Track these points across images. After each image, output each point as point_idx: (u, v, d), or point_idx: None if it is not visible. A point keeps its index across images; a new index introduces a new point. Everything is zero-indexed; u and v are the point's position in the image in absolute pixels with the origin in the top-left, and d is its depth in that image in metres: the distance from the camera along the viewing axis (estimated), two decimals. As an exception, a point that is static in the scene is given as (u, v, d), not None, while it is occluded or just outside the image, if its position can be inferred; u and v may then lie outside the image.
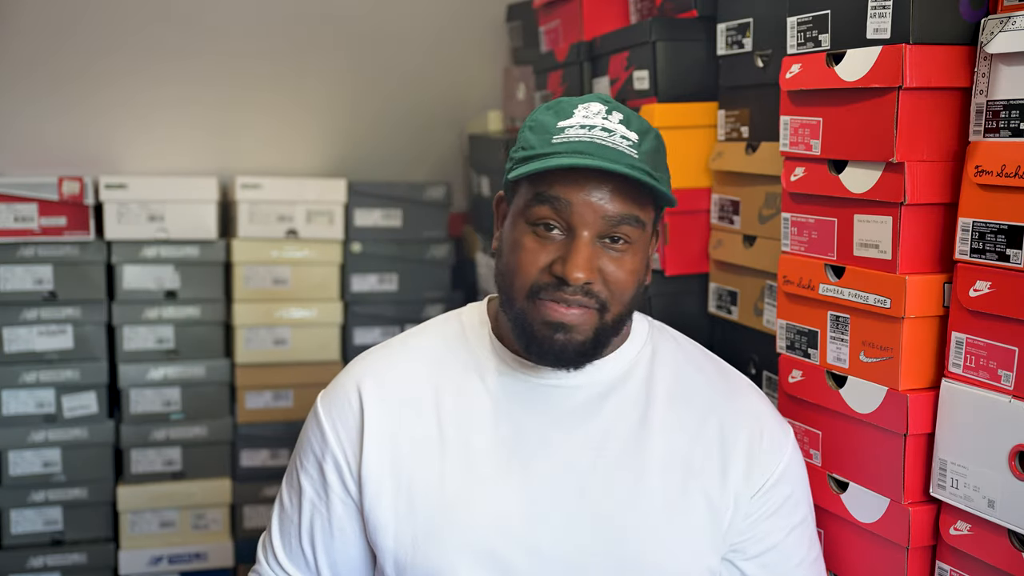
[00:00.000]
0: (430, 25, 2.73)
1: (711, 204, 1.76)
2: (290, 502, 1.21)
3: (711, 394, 1.21)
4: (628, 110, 1.14)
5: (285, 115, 2.66)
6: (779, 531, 1.19)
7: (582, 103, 1.12)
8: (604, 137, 1.08)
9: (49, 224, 2.25)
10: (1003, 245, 1.11)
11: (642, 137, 1.11)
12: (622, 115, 1.12)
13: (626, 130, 1.10)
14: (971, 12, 1.17)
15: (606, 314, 1.11)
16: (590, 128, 1.09)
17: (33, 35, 2.48)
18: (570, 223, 1.08)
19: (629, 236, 1.09)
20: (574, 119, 1.10)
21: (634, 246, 1.11)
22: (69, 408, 2.30)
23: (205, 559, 2.38)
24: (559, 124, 1.10)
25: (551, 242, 1.09)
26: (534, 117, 1.14)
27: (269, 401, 2.39)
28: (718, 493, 1.16)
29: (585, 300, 1.09)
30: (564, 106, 1.13)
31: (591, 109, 1.11)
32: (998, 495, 1.12)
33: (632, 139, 1.10)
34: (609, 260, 1.09)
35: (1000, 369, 1.12)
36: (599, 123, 1.09)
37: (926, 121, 1.20)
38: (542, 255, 1.09)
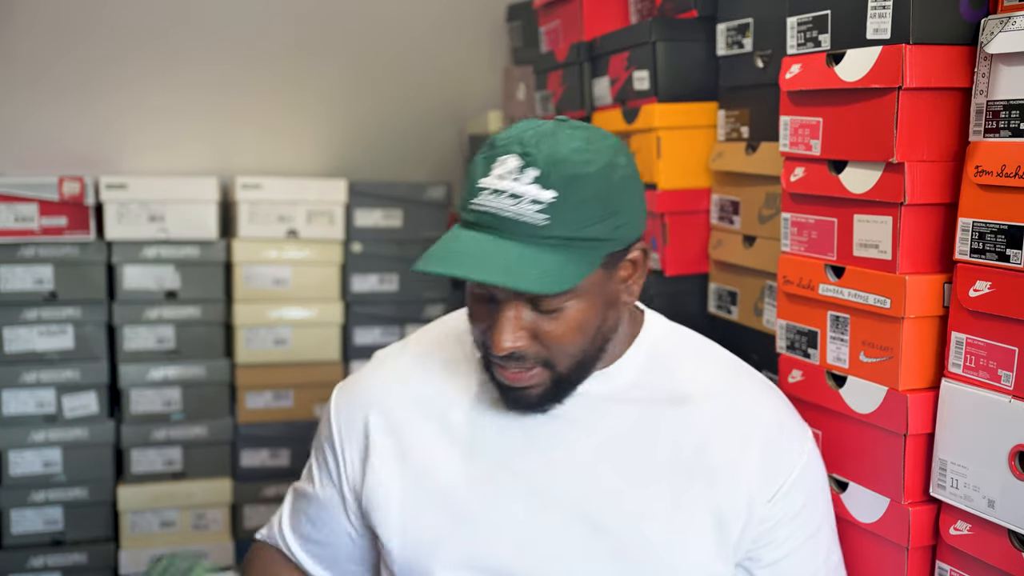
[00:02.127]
0: (430, 25, 2.73)
1: (711, 204, 1.76)
2: (304, 480, 1.28)
3: (723, 399, 1.16)
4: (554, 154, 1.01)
5: (285, 115, 2.66)
6: (796, 538, 1.15)
7: (501, 155, 1.02)
8: (509, 205, 0.99)
9: (49, 224, 2.25)
10: (1003, 245, 1.11)
11: (566, 191, 0.99)
12: (538, 171, 0.99)
13: (539, 191, 0.99)
14: (971, 12, 1.17)
15: (556, 367, 1.07)
16: (499, 193, 1.00)
17: (34, 36, 2.48)
18: (492, 295, 1.04)
19: (557, 301, 1.03)
20: (490, 178, 1.01)
21: (572, 302, 1.04)
22: (69, 408, 2.30)
23: (205, 559, 2.38)
24: (479, 183, 1.02)
25: (486, 308, 1.06)
26: (472, 159, 1.07)
27: (269, 401, 2.40)
28: (727, 500, 1.11)
29: (521, 365, 1.06)
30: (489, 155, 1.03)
31: (506, 166, 1.01)
32: (998, 495, 1.12)
33: (545, 201, 0.99)
34: (543, 320, 1.04)
35: (1000, 369, 1.12)
36: (508, 187, 1.00)
37: (926, 121, 1.20)
38: (481, 322, 1.07)
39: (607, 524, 1.11)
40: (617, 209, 1.03)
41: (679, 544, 1.11)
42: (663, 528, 1.11)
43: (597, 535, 1.11)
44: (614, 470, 1.12)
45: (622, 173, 1.04)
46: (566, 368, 1.08)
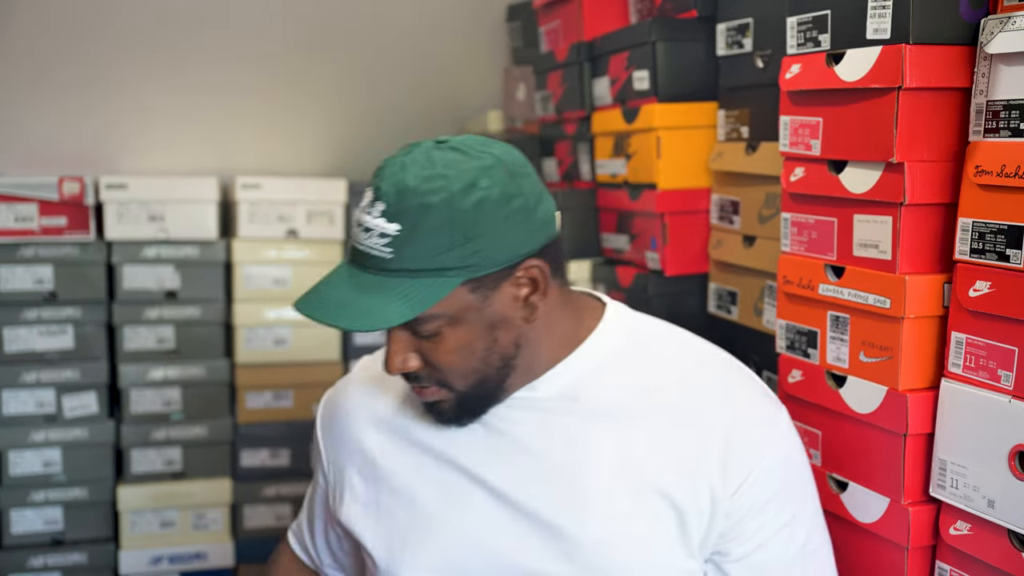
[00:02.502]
0: (430, 25, 2.73)
1: (711, 204, 1.76)
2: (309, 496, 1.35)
3: (681, 393, 1.12)
4: (403, 184, 1.01)
5: (285, 115, 2.66)
6: (767, 529, 1.10)
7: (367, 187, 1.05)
8: (364, 239, 1.02)
9: (49, 224, 2.25)
10: (1003, 245, 1.11)
11: (411, 222, 1.00)
12: (384, 204, 1.01)
13: (385, 224, 1.01)
14: (971, 12, 1.17)
15: (453, 388, 1.08)
16: (359, 227, 1.03)
17: (34, 35, 2.48)
18: None
19: (431, 327, 1.04)
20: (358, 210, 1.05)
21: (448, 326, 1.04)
22: (69, 408, 2.30)
23: (205, 559, 2.38)
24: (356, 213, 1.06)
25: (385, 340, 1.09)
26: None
27: (269, 401, 2.39)
28: (688, 496, 1.08)
29: (418, 383, 1.09)
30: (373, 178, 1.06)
31: (366, 199, 1.03)
32: (998, 495, 1.12)
33: (391, 233, 1.00)
34: (426, 344, 1.06)
35: (1000, 369, 1.12)
36: (364, 221, 1.02)
37: (926, 121, 1.20)
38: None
39: (565, 528, 1.09)
40: (473, 235, 1.01)
41: (640, 545, 1.09)
42: (622, 530, 1.09)
43: (556, 539, 1.09)
44: (569, 474, 1.10)
45: (480, 197, 1.02)
46: (465, 387, 1.08)
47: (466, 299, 1.04)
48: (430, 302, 1.01)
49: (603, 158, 1.97)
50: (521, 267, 1.06)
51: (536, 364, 1.11)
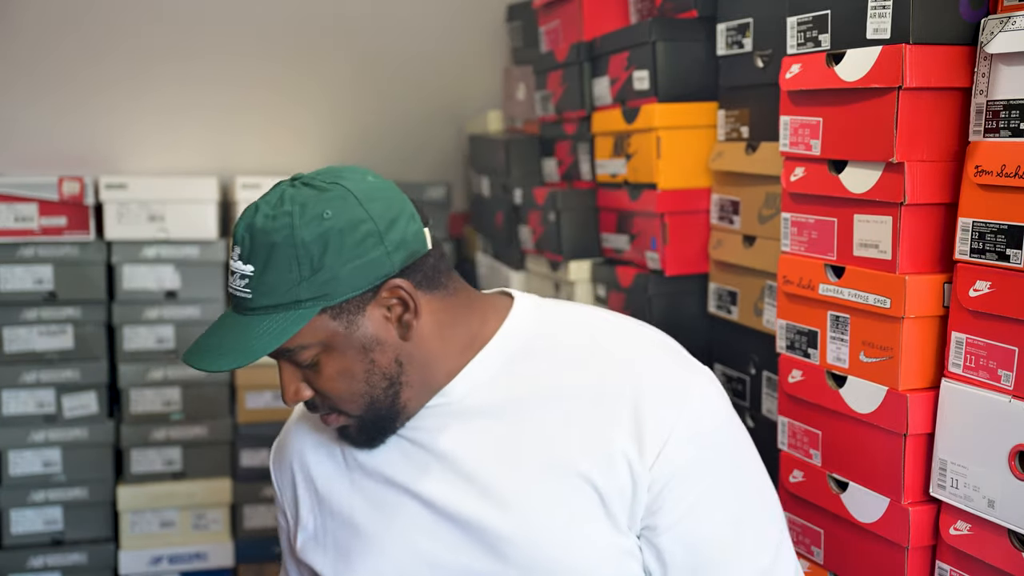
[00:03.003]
0: (430, 25, 2.73)
1: (711, 204, 1.76)
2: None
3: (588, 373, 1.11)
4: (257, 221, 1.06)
5: (285, 115, 2.66)
6: (691, 497, 1.06)
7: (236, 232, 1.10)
8: (232, 283, 1.09)
9: (49, 224, 2.25)
10: (1003, 245, 1.11)
11: (260, 261, 1.05)
12: (239, 248, 1.07)
13: (243, 266, 1.06)
14: (971, 12, 1.17)
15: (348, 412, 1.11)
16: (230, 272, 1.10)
17: (34, 35, 2.49)
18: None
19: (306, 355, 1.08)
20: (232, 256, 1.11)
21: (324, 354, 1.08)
22: (69, 408, 2.30)
23: (205, 559, 2.38)
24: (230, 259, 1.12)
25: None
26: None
27: (269, 401, 2.39)
28: (606, 474, 1.06)
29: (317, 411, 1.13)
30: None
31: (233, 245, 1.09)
32: (998, 495, 1.12)
33: (248, 274, 1.06)
34: (310, 374, 1.10)
35: (1000, 369, 1.12)
36: (232, 266, 1.09)
37: (926, 121, 1.20)
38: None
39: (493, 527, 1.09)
40: (319, 266, 1.04)
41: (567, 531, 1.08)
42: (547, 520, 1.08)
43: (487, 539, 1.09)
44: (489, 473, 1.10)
45: (323, 228, 1.05)
46: (359, 411, 1.10)
47: (330, 326, 1.07)
48: (287, 334, 1.05)
49: (603, 158, 1.97)
50: (384, 288, 1.08)
51: (435, 375, 1.13)
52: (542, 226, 2.13)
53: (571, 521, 1.07)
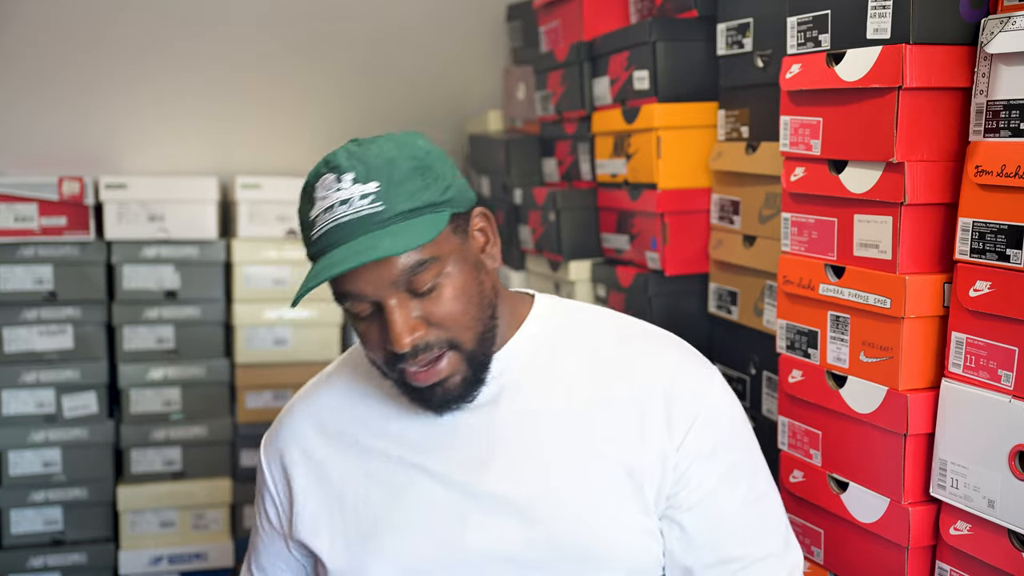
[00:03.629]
0: (430, 25, 2.73)
1: (711, 204, 1.76)
2: (253, 529, 1.31)
3: (619, 359, 1.16)
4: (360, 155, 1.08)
5: (285, 115, 2.66)
6: (712, 477, 1.12)
7: (315, 179, 1.09)
8: (345, 212, 1.06)
9: (49, 224, 2.25)
10: (1003, 245, 1.11)
11: (384, 176, 1.06)
12: (352, 172, 1.06)
13: (362, 187, 1.06)
14: (971, 12, 1.17)
15: (463, 345, 1.10)
16: (331, 209, 1.06)
17: (34, 35, 2.48)
18: (373, 302, 1.08)
19: (428, 276, 1.07)
20: (317, 205, 1.08)
21: (443, 274, 1.08)
22: (69, 408, 2.29)
23: (205, 559, 2.38)
24: (310, 216, 1.09)
25: (375, 319, 1.09)
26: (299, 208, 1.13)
27: (269, 401, 2.39)
28: (636, 457, 1.11)
29: (430, 354, 1.09)
30: (308, 191, 1.10)
31: (324, 184, 1.08)
32: (998, 495, 1.12)
33: (371, 191, 1.06)
34: (428, 304, 1.08)
35: (1000, 369, 1.12)
36: (335, 198, 1.06)
37: (926, 121, 1.20)
38: (374, 334, 1.10)
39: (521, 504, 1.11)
40: (437, 175, 1.09)
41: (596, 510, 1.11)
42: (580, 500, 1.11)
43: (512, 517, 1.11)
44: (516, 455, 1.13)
45: (424, 146, 1.11)
46: (471, 343, 1.10)
47: (452, 241, 1.09)
48: (434, 232, 1.06)
49: (603, 158, 1.97)
50: (475, 212, 1.14)
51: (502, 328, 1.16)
52: (542, 226, 2.13)
53: (602, 502, 1.11)
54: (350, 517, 1.17)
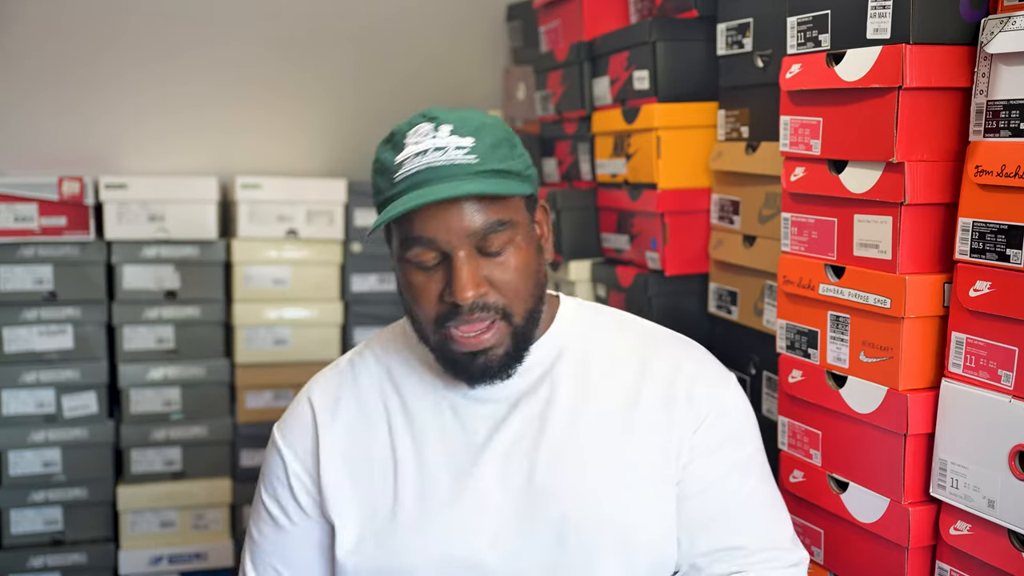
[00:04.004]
0: (430, 25, 2.73)
1: (711, 204, 1.76)
2: (259, 532, 1.25)
3: (647, 354, 1.22)
4: (456, 114, 1.14)
5: (285, 115, 2.66)
6: (719, 468, 1.17)
7: (410, 128, 1.14)
8: (438, 157, 1.10)
9: (49, 224, 2.25)
10: (1003, 245, 1.11)
11: (479, 136, 1.12)
12: (451, 125, 1.12)
13: (459, 139, 1.11)
14: (971, 12, 1.17)
15: (513, 318, 1.13)
16: (423, 154, 1.11)
17: (34, 35, 2.48)
18: (442, 252, 1.11)
19: (501, 240, 1.11)
20: (407, 150, 1.12)
21: (513, 243, 1.13)
22: (69, 408, 2.29)
23: (205, 559, 2.38)
24: (396, 160, 1.12)
25: (435, 272, 1.12)
26: (376, 157, 1.17)
27: (269, 401, 2.39)
28: (666, 441, 1.17)
29: (485, 315, 1.11)
30: (396, 138, 1.15)
31: (419, 132, 1.13)
32: (998, 495, 1.12)
33: (467, 145, 1.11)
34: (493, 267, 1.12)
35: (1000, 369, 1.12)
36: (430, 145, 1.11)
37: (926, 121, 1.20)
38: (432, 287, 1.12)
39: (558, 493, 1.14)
40: (521, 152, 1.16)
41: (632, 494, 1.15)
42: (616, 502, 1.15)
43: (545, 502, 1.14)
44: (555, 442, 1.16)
45: (507, 126, 1.18)
46: (522, 317, 1.14)
47: (524, 215, 1.15)
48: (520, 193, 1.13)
49: (603, 158, 1.97)
50: (539, 204, 1.20)
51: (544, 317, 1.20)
52: (542, 226, 2.12)
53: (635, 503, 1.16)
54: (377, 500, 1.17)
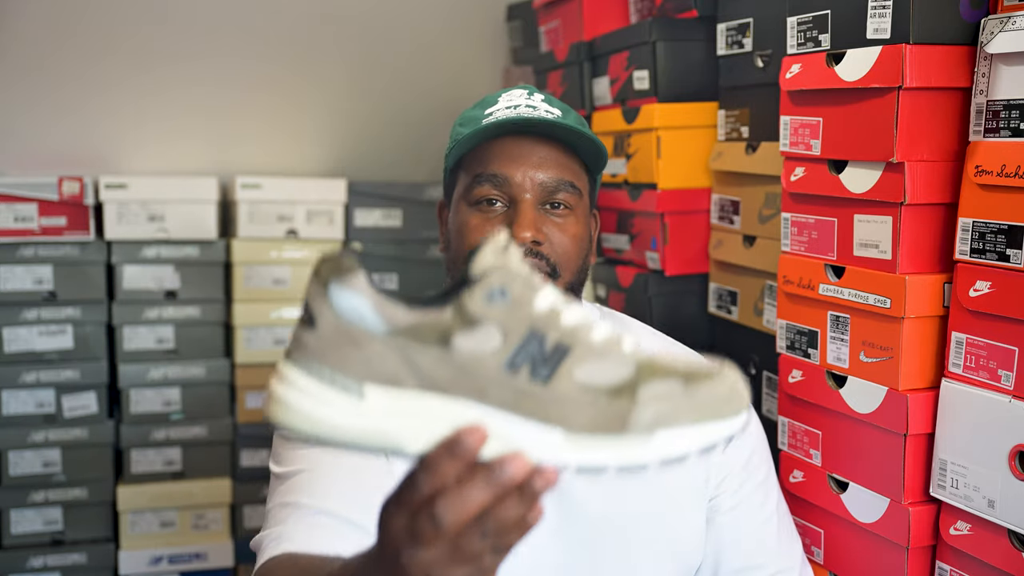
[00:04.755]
0: (430, 25, 2.73)
1: (711, 204, 1.76)
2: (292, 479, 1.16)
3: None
4: (549, 94, 1.23)
5: (285, 115, 2.66)
6: (747, 485, 1.21)
7: (505, 92, 1.21)
8: (530, 112, 1.17)
9: (49, 224, 2.25)
10: (1003, 245, 1.11)
11: (565, 112, 1.20)
12: (543, 95, 1.21)
13: (549, 106, 1.18)
14: (971, 12, 1.17)
15: (556, 280, 1.16)
16: (515, 107, 1.18)
17: (33, 35, 2.48)
18: (511, 195, 1.15)
19: (568, 202, 1.17)
20: (499, 105, 1.19)
21: (575, 212, 1.18)
22: (69, 408, 2.29)
23: (205, 559, 2.38)
24: (486, 111, 1.18)
25: (495, 215, 1.16)
26: (462, 115, 1.23)
27: (269, 401, 2.39)
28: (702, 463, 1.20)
29: (535, 261, 1.14)
30: (488, 99, 1.22)
31: (514, 95, 1.20)
32: (998, 495, 1.12)
33: (556, 113, 1.18)
34: (553, 225, 1.16)
35: (1000, 369, 1.12)
36: (523, 102, 1.19)
37: (926, 121, 1.20)
38: (487, 227, 1.15)
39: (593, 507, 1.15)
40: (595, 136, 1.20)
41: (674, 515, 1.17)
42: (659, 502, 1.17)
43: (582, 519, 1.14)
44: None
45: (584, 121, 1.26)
46: (564, 284, 1.17)
47: (587, 196, 1.20)
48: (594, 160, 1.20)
49: (603, 158, 1.97)
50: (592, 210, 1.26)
51: None
52: (542, 226, 2.12)
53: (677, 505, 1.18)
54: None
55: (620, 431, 0.68)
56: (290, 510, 1.11)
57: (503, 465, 0.66)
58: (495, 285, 0.68)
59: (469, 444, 0.66)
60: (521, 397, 0.67)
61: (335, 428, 0.68)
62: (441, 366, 0.68)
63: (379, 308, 0.69)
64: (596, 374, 0.68)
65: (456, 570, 0.69)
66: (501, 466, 0.66)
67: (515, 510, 0.67)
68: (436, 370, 0.68)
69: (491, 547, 0.69)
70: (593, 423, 0.67)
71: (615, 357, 0.69)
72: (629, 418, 0.68)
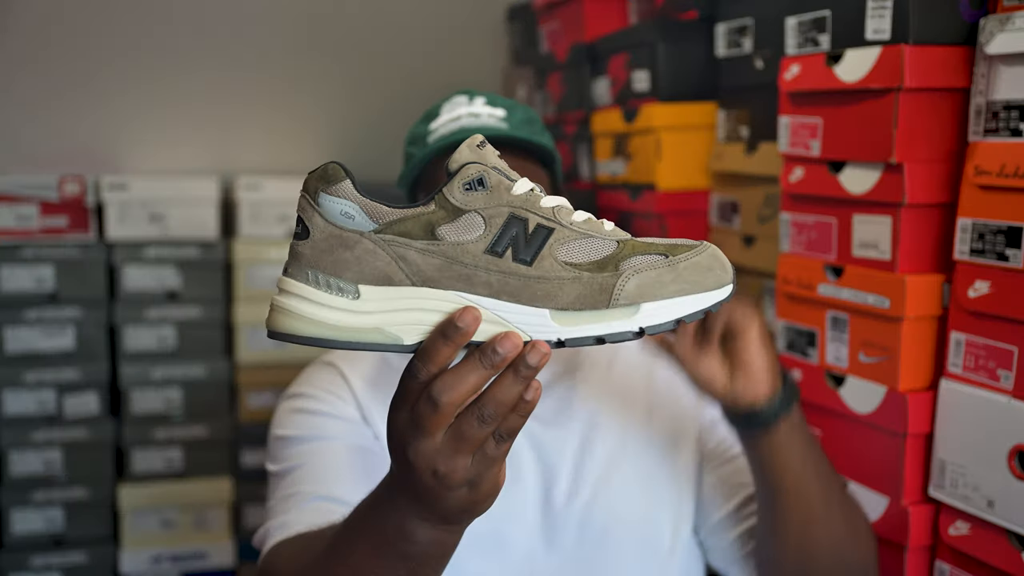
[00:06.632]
0: (430, 25, 2.73)
1: (710, 204, 1.76)
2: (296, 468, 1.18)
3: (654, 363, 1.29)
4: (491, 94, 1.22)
5: (286, 115, 2.66)
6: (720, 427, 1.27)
7: (446, 101, 1.21)
8: (472, 122, 1.16)
9: (50, 224, 2.26)
10: (1002, 245, 1.11)
11: (511, 110, 1.19)
12: (485, 98, 1.19)
13: (492, 109, 1.18)
14: (971, 12, 1.18)
15: None
16: (457, 119, 1.17)
17: (34, 35, 2.49)
18: None
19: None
20: (441, 118, 1.18)
21: None
22: (70, 408, 2.30)
23: (206, 559, 2.38)
24: (429, 127, 1.18)
25: None
26: (410, 131, 1.23)
27: (270, 401, 2.39)
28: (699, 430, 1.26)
29: None
30: (431, 110, 1.21)
31: (454, 102, 1.19)
32: (997, 495, 1.12)
33: (500, 115, 1.17)
34: None
35: (999, 369, 1.12)
36: (463, 112, 1.17)
37: (925, 121, 1.20)
38: None
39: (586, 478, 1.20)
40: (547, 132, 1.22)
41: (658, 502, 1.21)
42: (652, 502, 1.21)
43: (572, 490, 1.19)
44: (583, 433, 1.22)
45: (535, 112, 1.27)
46: None
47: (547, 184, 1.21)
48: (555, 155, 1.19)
49: (603, 158, 1.97)
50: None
51: None
52: (542, 226, 2.12)
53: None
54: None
55: (605, 305, 0.72)
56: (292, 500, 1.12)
57: (495, 344, 0.69)
58: (473, 175, 0.73)
59: (461, 326, 0.69)
60: (507, 280, 0.72)
61: (335, 328, 0.72)
62: (429, 257, 0.72)
63: (367, 209, 0.72)
64: (579, 252, 0.74)
65: (460, 460, 0.71)
66: (493, 345, 0.69)
67: (512, 389, 0.70)
68: (425, 262, 0.72)
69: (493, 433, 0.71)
70: (579, 299, 0.72)
71: (596, 235, 0.74)
72: (613, 292, 0.72)
